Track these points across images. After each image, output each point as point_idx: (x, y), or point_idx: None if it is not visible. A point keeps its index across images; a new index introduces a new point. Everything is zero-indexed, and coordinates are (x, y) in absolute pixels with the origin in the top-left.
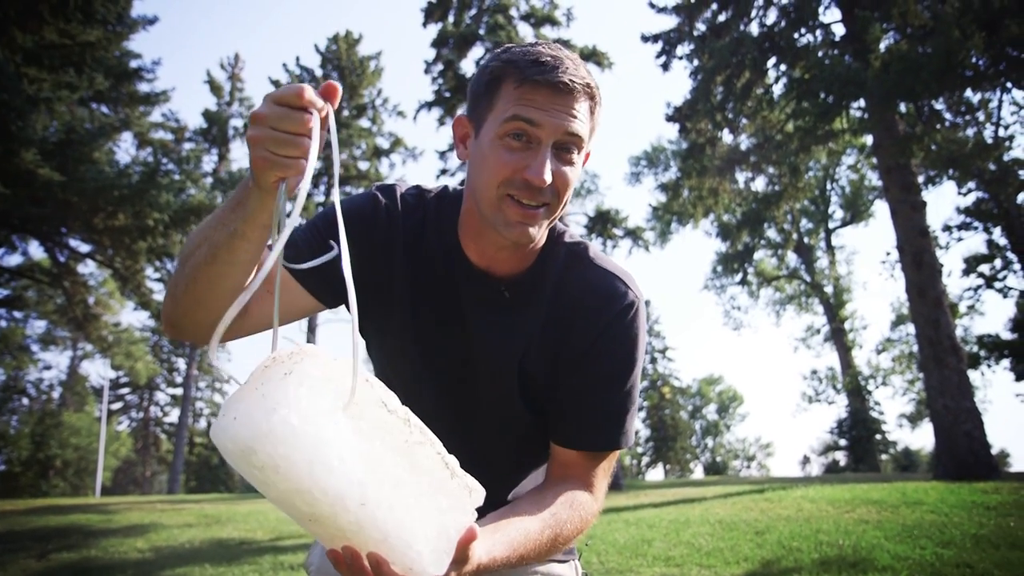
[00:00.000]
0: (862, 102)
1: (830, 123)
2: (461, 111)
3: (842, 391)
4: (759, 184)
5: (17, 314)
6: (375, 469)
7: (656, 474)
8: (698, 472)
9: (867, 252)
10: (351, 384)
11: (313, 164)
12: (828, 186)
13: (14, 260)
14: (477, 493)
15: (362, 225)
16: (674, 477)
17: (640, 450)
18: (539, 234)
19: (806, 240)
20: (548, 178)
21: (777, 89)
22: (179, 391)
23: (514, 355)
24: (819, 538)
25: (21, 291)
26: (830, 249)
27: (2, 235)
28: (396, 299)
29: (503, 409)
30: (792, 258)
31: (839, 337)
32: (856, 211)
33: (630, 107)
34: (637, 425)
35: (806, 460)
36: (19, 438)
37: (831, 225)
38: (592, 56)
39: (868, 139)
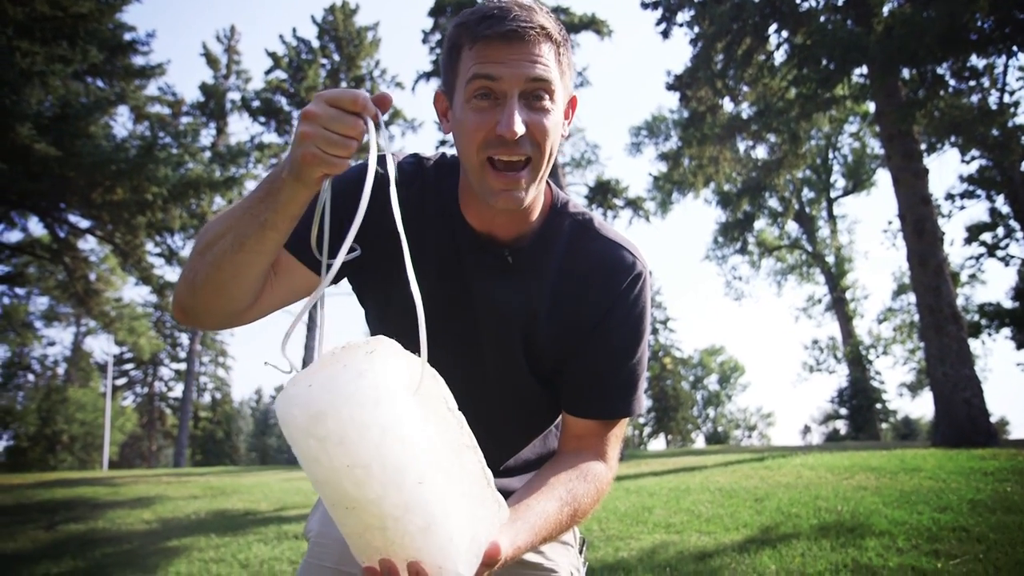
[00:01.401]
0: (864, 68)
1: (831, 90)
2: (438, 86)
3: (843, 360)
4: (760, 152)
5: (19, 291)
6: (435, 455)
7: (658, 444)
8: (700, 442)
9: (869, 221)
10: (421, 371)
11: (374, 167)
12: (830, 155)
13: (14, 236)
14: (503, 510)
15: (358, 198)
16: (676, 447)
17: (642, 420)
18: (528, 197)
19: (808, 210)
20: (519, 128)
21: (779, 56)
22: (183, 366)
23: (519, 321)
24: (818, 504)
25: (22, 268)
26: (832, 219)
27: (1, 211)
28: (398, 270)
29: (508, 376)
30: (793, 228)
31: (840, 307)
32: (858, 180)
33: (630, 76)
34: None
35: (807, 429)
36: (26, 414)
37: (833, 194)
38: (591, 24)
39: (871, 106)
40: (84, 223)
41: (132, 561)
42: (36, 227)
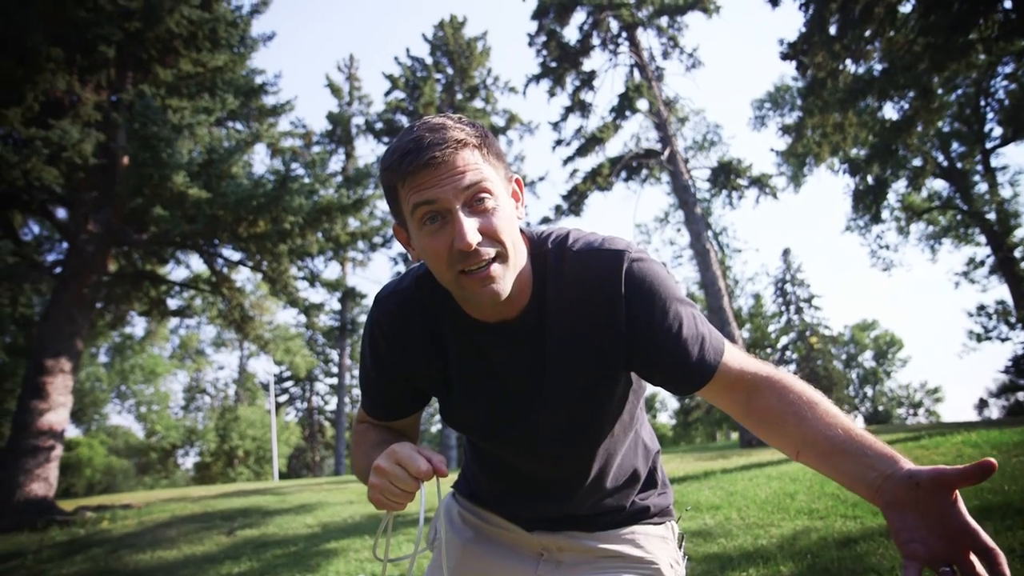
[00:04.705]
0: (1007, 2)
1: (966, 34)
2: (394, 223)
3: (1018, 326)
4: (889, 112)
5: (190, 322)
6: None
7: None
8: (859, 423)
9: None
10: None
11: (422, 532)
12: (982, 102)
13: (181, 273)
14: None
15: (384, 346)
16: None
17: None
18: (507, 285)
19: (959, 165)
20: (473, 239)
21: (903, 7)
22: (335, 380)
23: (550, 375)
24: (980, 485)
25: (190, 301)
26: (989, 171)
27: (168, 252)
28: (440, 382)
29: (577, 425)
30: (942, 186)
31: (1009, 267)
32: (1019, 125)
33: (743, 51)
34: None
35: (983, 404)
36: (206, 432)
37: (988, 145)
38: (697, 4)
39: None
40: (236, 256)
41: (298, 562)
42: (197, 264)
